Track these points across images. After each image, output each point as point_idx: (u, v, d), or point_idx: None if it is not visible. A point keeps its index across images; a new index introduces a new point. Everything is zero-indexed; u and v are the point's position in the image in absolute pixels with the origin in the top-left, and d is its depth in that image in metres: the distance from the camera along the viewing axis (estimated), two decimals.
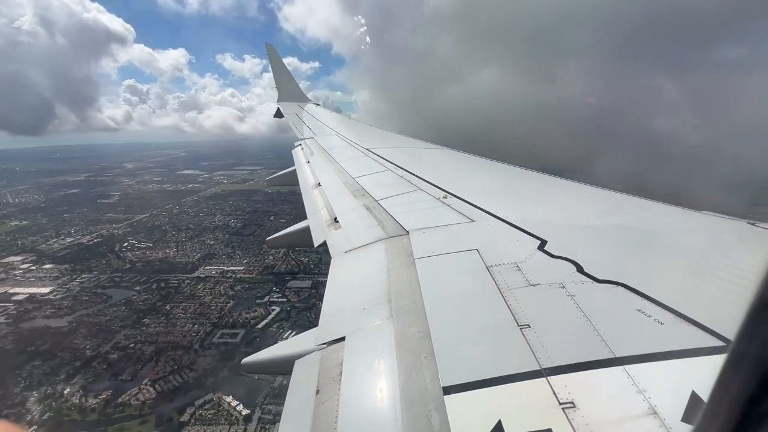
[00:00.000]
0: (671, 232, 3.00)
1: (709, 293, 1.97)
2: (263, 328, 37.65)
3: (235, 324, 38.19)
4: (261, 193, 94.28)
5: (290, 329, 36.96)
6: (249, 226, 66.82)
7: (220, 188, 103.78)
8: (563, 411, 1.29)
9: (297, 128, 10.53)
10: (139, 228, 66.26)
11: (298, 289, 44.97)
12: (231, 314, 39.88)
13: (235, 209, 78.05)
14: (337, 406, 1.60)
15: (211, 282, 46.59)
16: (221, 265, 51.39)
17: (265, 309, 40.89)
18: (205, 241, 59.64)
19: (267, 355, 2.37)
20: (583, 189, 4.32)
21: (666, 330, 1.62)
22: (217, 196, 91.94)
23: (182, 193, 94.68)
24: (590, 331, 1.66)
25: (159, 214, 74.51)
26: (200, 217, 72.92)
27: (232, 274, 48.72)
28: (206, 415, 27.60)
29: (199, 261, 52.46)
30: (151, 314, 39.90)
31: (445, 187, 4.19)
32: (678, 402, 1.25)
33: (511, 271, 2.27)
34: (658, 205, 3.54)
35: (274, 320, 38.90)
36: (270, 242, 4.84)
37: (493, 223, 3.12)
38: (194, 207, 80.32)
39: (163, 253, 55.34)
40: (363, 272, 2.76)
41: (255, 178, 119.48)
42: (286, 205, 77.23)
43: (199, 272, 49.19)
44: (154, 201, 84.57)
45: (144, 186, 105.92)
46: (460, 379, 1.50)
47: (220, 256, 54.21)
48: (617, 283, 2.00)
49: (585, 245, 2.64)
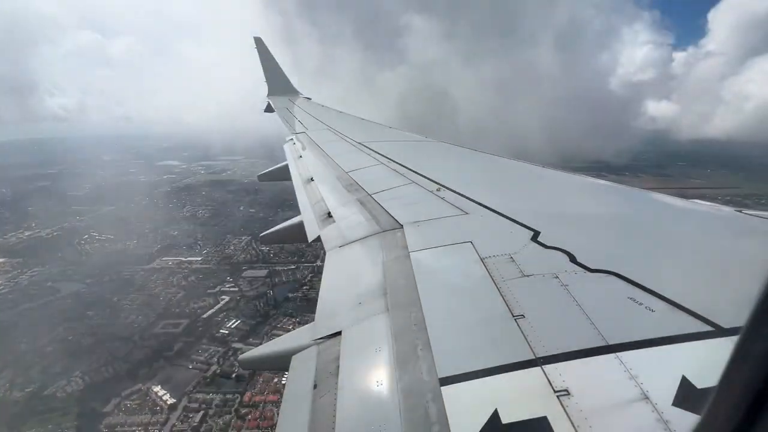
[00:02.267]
0: (662, 221, 3.03)
1: (699, 280, 2.01)
2: (208, 317, 37.29)
3: (181, 314, 37.75)
4: (236, 183, 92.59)
5: (235, 318, 36.94)
6: (216, 216, 66.05)
7: (195, 179, 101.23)
8: (558, 399, 1.31)
9: (288, 123, 10.39)
10: (104, 220, 64.60)
11: (252, 278, 44.69)
12: (178, 305, 39.37)
13: (206, 200, 76.70)
14: (334, 400, 1.61)
15: (165, 273, 45.83)
16: (179, 256, 50.62)
17: (215, 299, 40.54)
18: (168, 232, 58.59)
19: (264, 350, 2.38)
20: (576, 179, 4.33)
21: (657, 317, 1.65)
22: (191, 187, 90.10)
23: (155, 185, 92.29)
24: (583, 320, 1.68)
25: (127, 206, 72.65)
26: (169, 208, 71.47)
27: (189, 264, 48.12)
28: (131, 405, 27.56)
29: (158, 252, 51.64)
30: (97, 307, 39.15)
31: (439, 180, 4.19)
32: (669, 387, 1.28)
33: (505, 263, 2.28)
34: (649, 194, 3.58)
35: (221, 310, 38.70)
36: (264, 238, 4.81)
37: (486, 215, 3.13)
38: (165, 198, 78.69)
39: (122, 245, 54.26)
40: (358, 266, 2.76)
41: (233, 169, 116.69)
42: (258, 195, 76.05)
43: (155, 263, 48.31)
44: (124, 193, 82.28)
45: (117, 178, 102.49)
46: (456, 369, 1.51)
47: (180, 247, 53.34)
48: (609, 272, 2.03)
49: (577, 235, 2.66)
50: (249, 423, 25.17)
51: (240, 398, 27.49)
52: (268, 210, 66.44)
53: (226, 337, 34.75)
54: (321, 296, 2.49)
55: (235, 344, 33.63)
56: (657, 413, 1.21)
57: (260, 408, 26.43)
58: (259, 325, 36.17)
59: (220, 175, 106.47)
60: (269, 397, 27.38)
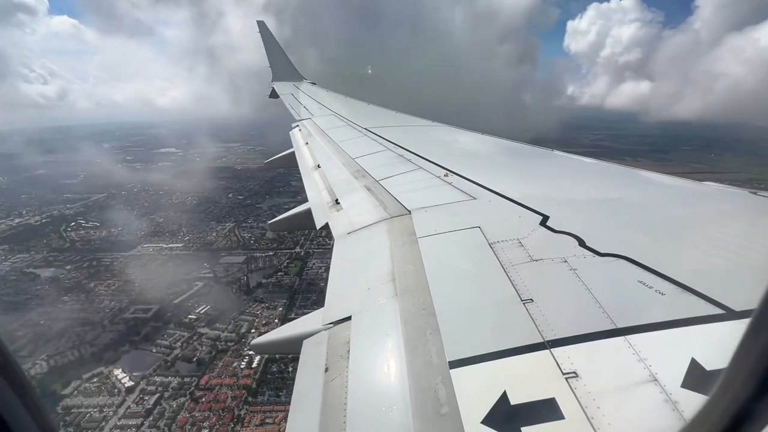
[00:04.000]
0: (672, 204, 2.98)
1: (711, 263, 1.98)
2: (179, 303, 37.94)
3: (153, 300, 38.34)
4: (230, 170, 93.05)
5: (205, 304, 37.56)
6: (204, 203, 66.43)
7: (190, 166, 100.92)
8: (566, 381, 1.32)
9: (294, 109, 10.26)
10: (93, 208, 65.10)
11: (228, 264, 45.28)
12: (152, 290, 39.90)
13: (197, 187, 76.75)
14: (346, 383, 1.64)
15: (144, 259, 46.50)
16: (161, 242, 51.17)
17: (188, 284, 41.15)
18: (154, 219, 59.06)
19: (276, 336, 2.42)
20: (584, 163, 4.27)
21: (667, 300, 1.65)
22: (184, 174, 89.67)
23: (149, 172, 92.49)
24: (592, 304, 1.69)
25: (118, 193, 73.15)
26: (159, 195, 71.69)
27: (169, 251, 48.68)
28: (91, 388, 28.13)
29: (141, 239, 51.82)
30: (74, 292, 39.45)
31: (446, 165, 4.16)
32: (678, 369, 1.29)
33: (514, 247, 2.28)
34: (660, 177, 3.52)
35: (192, 295, 39.32)
36: (272, 225, 4.81)
37: (494, 200, 3.12)
38: (156, 185, 78.95)
39: (107, 231, 54.65)
40: (366, 253, 2.77)
41: (229, 156, 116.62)
42: (249, 183, 76.82)
43: (137, 250, 48.85)
44: (117, 180, 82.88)
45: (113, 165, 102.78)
46: (465, 353, 1.53)
47: (163, 234, 53.57)
48: (619, 255, 2.02)
49: (587, 219, 2.65)
50: (201, 406, 26.02)
51: (197, 381, 28.27)
52: (256, 197, 67.72)
53: (193, 322, 35.30)
54: (330, 282, 2.50)
55: (201, 329, 34.19)
56: (665, 394, 1.22)
57: (215, 391, 27.31)
58: (228, 311, 36.74)
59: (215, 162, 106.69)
60: (225, 380, 28.21)
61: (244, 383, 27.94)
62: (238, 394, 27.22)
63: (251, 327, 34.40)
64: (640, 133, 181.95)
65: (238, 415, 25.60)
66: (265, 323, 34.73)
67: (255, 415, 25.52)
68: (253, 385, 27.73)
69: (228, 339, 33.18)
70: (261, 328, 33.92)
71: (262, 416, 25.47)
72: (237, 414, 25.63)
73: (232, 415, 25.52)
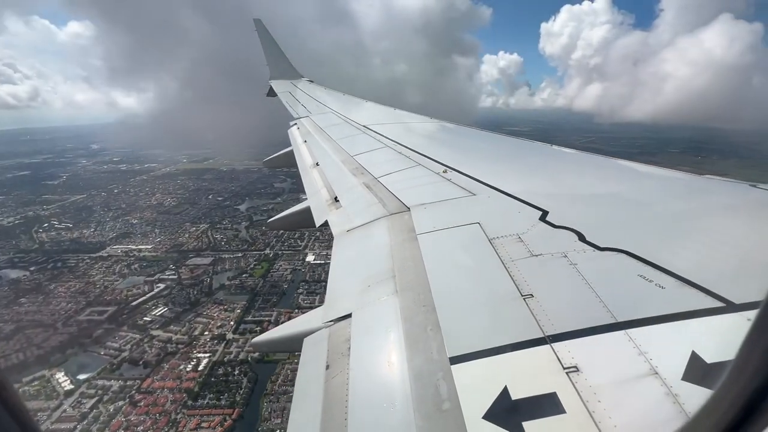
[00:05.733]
0: (672, 197, 2.98)
1: (711, 257, 1.97)
2: (137, 305, 37.71)
3: (111, 302, 38.23)
4: (214, 171, 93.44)
5: (163, 306, 37.45)
6: (182, 204, 66.57)
7: (175, 167, 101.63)
8: (567, 375, 1.32)
9: (291, 107, 10.20)
10: (69, 209, 65.20)
11: (195, 266, 45.11)
12: (112, 292, 39.85)
13: (178, 188, 77.32)
14: (347, 380, 1.65)
15: (111, 261, 46.30)
16: (131, 244, 51.13)
17: (150, 286, 40.92)
18: (129, 221, 59.12)
19: (276, 334, 2.42)
20: (584, 157, 4.25)
21: (667, 294, 1.65)
22: (167, 176, 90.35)
23: (133, 173, 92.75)
24: (592, 298, 1.69)
25: (98, 194, 73.42)
26: (138, 196, 71.74)
27: (137, 252, 48.49)
28: (30, 391, 27.65)
29: (111, 240, 51.95)
30: (32, 294, 39.32)
31: (445, 162, 4.15)
32: (678, 362, 1.29)
33: (513, 243, 2.28)
34: (659, 170, 3.51)
35: (152, 297, 39.10)
36: (270, 224, 4.79)
37: (493, 195, 3.12)
38: (137, 187, 79.15)
39: (79, 233, 54.63)
40: (366, 250, 2.76)
41: (216, 157, 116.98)
42: (231, 184, 77.59)
43: (105, 251, 48.84)
44: (98, 182, 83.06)
45: (98, 167, 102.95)
46: (465, 349, 1.53)
47: (135, 235, 53.80)
48: (619, 250, 2.02)
49: (587, 214, 2.64)
50: (138, 410, 25.83)
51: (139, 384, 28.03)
52: (236, 198, 68.29)
53: (147, 324, 35.00)
54: (330, 280, 2.49)
55: (154, 331, 33.90)
56: (666, 387, 1.22)
57: (155, 394, 27.11)
58: (184, 313, 36.47)
59: (201, 164, 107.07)
60: (168, 383, 28.02)
61: (187, 386, 27.65)
62: (178, 397, 26.89)
63: (205, 329, 34.13)
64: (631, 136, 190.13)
65: (174, 419, 25.21)
66: (219, 326, 34.53)
67: (191, 419, 25.22)
68: (195, 389, 27.45)
69: (179, 341, 32.73)
70: (215, 331, 33.80)
71: (198, 420, 25.21)
72: (174, 418, 25.25)
73: (168, 419, 25.13)
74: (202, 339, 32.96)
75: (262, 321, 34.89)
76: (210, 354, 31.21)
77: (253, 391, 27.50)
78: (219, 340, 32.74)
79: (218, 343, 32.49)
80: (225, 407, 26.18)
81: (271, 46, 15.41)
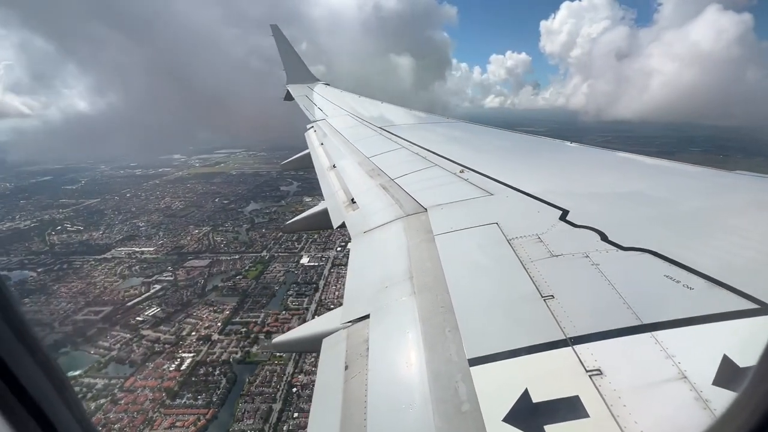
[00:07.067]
0: (700, 194, 2.87)
1: (743, 256, 1.89)
2: (132, 305, 38.48)
3: (108, 302, 39.15)
4: (224, 175, 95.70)
5: (156, 306, 38.24)
6: (189, 207, 68.26)
7: (187, 172, 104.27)
8: (590, 378, 1.29)
9: (308, 110, 10.37)
10: (82, 212, 67.24)
11: (192, 268, 45.83)
12: (110, 293, 40.82)
13: (187, 191, 79.38)
14: (365, 381, 1.65)
15: (114, 262, 47.48)
16: (135, 246, 52.36)
17: (147, 287, 41.80)
18: (136, 224, 60.67)
19: (296, 334, 2.46)
20: (604, 154, 4.13)
21: (696, 295, 1.59)
22: (179, 180, 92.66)
23: (147, 178, 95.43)
24: (616, 299, 1.64)
25: (111, 198, 75.40)
26: (148, 200, 73.55)
27: (140, 254, 49.74)
28: None
29: (117, 243, 53.20)
30: (36, 294, 40.23)
31: (462, 162, 4.11)
32: (709, 366, 1.24)
33: (533, 243, 2.24)
34: (685, 167, 3.39)
35: (148, 298, 39.91)
36: (288, 227, 4.87)
37: (512, 195, 3.07)
38: (149, 191, 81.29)
39: (88, 235, 56.17)
40: (383, 251, 2.77)
41: (228, 161, 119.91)
42: (238, 187, 79.46)
43: (110, 253, 50.05)
44: (113, 186, 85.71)
45: (115, 171, 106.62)
46: (485, 350, 1.51)
47: (140, 238, 55.03)
48: (644, 249, 1.95)
49: (609, 213, 2.57)
50: (118, 407, 26.27)
51: (122, 383, 28.46)
52: (241, 201, 69.82)
53: (138, 324, 35.73)
54: (348, 280, 2.51)
55: (144, 331, 34.42)
56: (696, 392, 1.18)
57: (136, 393, 27.59)
58: (176, 313, 37.03)
59: (213, 168, 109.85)
60: (150, 382, 28.47)
61: (167, 386, 28.04)
62: (158, 396, 27.30)
63: (192, 330, 34.54)
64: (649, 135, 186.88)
65: (151, 417, 25.62)
66: (207, 326, 34.93)
67: (166, 418, 25.58)
68: (174, 388, 27.83)
69: (167, 341, 33.09)
70: (202, 331, 34.18)
71: (173, 419, 25.57)
72: (150, 417, 25.66)
73: (144, 417, 25.54)
74: (189, 339, 33.39)
75: (248, 322, 35.20)
76: (194, 354, 31.61)
77: (230, 392, 27.98)
78: (204, 341, 33.11)
79: (203, 343, 32.89)
80: (201, 407, 26.67)
81: (287, 50, 15.73)
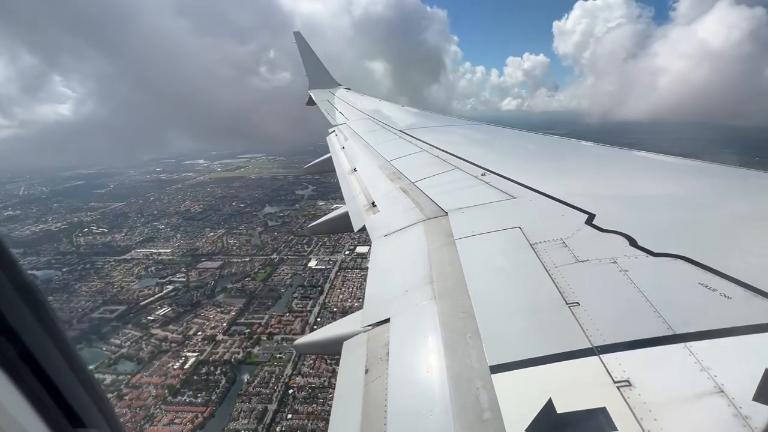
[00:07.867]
0: (736, 197, 2.73)
1: None
2: (145, 305, 40.23)
3: (123, 301, 40.77)
4: (243, 180, 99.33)
5: (167, 306, 39.63)
6: (207, 210, 70.82)
7: (209, 176, 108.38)
8: (618, 389, 1.25)
9: (330, 115, 10.53)
10: (109, 215, 71.01)
11: (204, 269, 47.35)
12: (126, 292, 42.42)
13: (206, 195, 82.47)
14: (386, 385, 1.65)
15: (132, 263, 49.57)
16: (153, 247, 54.64)
17: (160, 287, 43.35)
18: (156, 226, 63.29)
19: (317, 336, 2.48)
20: (632, 156, 3.99)
21: (734, 304, 1.51)
22: (200, 184, 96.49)
23: (171, 182, 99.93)
24: (646, 308, 1.58)
25: (136, 202, 79.28)
26: (170, 203, 76.78)
27: (157, 255, 51.66)
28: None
29: (137, 244, 55.69)
30: (59, 293, 42.08)
31: (483, 164, 4.04)
32: (749, 381, 1.18)
33: (557, 248, 2.18)
34: (720, 168, 3.24)
35: (160, 298, 41.35)
36: (311, 229, 4.95)
37: (535, 198, 3.00)
38: (172, 195, 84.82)
39: (111, 237, 59.12)
40: (403, 255, 2.76)
41: (248, 166, 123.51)
42: (255, 191, 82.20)
43: (129, 254, 52.34)
44: (139, 190, 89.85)
45: (142, 176, 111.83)
46: (507, 357, 1.49)
47: (158, 239, 57.66)
48: (676, 256, 1.87)
49: (638, 217, 2.47)
50: (122, 403, 27.20)
51: (129, 379, 29.53)
52: (257, 205, 72.39)
53: (149, 323, 37.08)
54: (369, 284, 2.51)
55: (154, 330, 35.68)
56: (734, 408, 1.12)
57: (140, 389, 28.56)
58: (185, 313, 38.29)
59: (233, 172, 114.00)
60: (155, 379, 29.31)
61: (170, 383, 28.90)
62: (160, 393, 28.20)
63: (199, 330, 35.51)
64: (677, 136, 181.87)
65: (152, 413, 26.50)
66: (213, 326, 35.87)
67: (167, 415, 26.38)
68: (177, 386, 28.69)
69: (174, 340, 34.04)
70: (207, 331, 35.08)
71: (172, 416, 26.29)
72: (152, 413, 26.54)
73: (146, 413, 26.44)
74: (195, 339, 34.41)
75: (253, 323, 36.08)
76: (198, 353, 32.54)
77: (229, 391, 28.65)
78: (209, 341, 34.04)
79: (208, 343, 33.81)
80: (200, 405, 27.41)
81: (310, 57, 15.98)
